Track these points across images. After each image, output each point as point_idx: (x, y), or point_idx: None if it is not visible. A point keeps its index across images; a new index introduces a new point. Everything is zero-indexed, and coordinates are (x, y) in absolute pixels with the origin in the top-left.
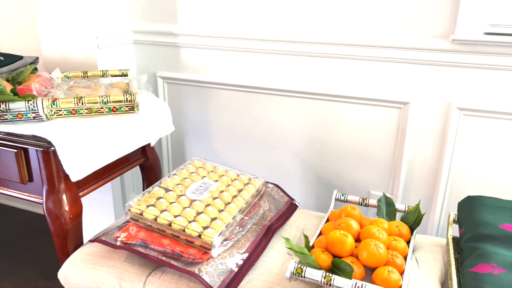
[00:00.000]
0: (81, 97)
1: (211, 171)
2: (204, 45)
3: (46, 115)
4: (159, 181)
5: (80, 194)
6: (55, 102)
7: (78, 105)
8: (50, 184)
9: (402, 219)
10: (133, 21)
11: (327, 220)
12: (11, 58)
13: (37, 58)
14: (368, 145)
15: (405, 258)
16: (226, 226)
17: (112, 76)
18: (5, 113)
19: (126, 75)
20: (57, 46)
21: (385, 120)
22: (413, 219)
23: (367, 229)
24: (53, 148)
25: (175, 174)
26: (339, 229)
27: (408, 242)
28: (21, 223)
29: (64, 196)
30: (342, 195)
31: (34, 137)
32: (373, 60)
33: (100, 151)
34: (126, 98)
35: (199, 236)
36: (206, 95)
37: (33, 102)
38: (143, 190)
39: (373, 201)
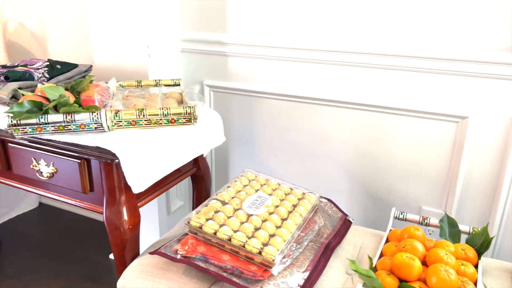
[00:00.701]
0: (142, 109)
1: (264, 184)
2: (252, 55)
3: (108, 126)
4: (215, 194)
5: (138, 204)
6: (117, 114)
7: (139, 117)
8: (111, 195)
9: (467, 242)
10: (182, 29)
11: (387, 240)
12: (67, 66)
13: (91, 66)
14: (421, 159)
15: (475, 284)
16: (285, 244)
17: (165, 85)
18: (69, 124)
19: (179, 85)
20: (109, 54)
21: (441, 134)
22: (480, 242)
23: (434, 252)
24: (117, 160)
25: (229, 187)
26: (404, 251)
27: (475, 267)
28: (63, 223)
29: (124, 207)
30: (401, 213)
31: (98, 149)
32: (431, 72)
33: (160, 163)
34: (186, 110)
35: (259, 253)
36: (252, 104)
37: (97, 114)
38: (193, 199)
39: (434, 221)
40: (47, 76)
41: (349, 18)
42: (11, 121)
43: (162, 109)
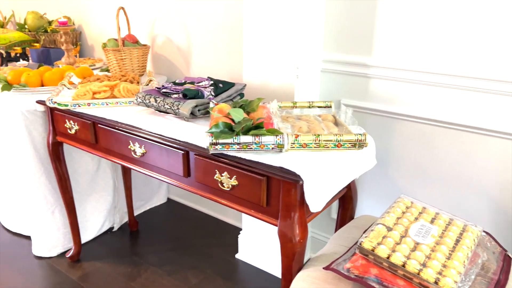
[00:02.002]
0: (319, 135)
1: (422, 212)
2: (396, 78)
3: (286, 148)
4: (378, 219)
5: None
6: (297, 138)
7: (315, 142)
8: (287, 210)
9: None
10: (324, 50)
11: None
12: (227, 85)
13: (245, 85)
14: None
15: None
16: (461, 276)
17: (318, 107)
18: (251, 144)
19: (330, 107)
20: (258, 73)
21: None
22: None
23: None
24: (301, 182)
25: (389, 212)
26: None
27: None
28: (189, 218)
29: (297, 222)
30: None
31: (281, 169)
32: None
33: (332, 184)
34: (358, 138)
35: (435, 282)
36: (391, 125)
37: (281, 138)
38: (337, 217)
39: None
40: (213, 94)
41: (493, 47)
42: (212, 140)
43: (336, 135)
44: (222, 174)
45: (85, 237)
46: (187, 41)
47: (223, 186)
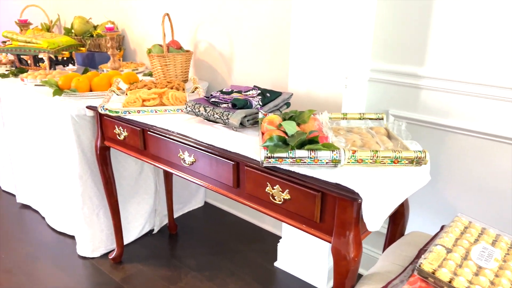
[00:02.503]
0: (377, 151)
1: (482, 233)
2: (449, 89)
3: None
4: (437, 240)
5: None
6: (354, 154)
7: (373, 158)
8: (342, 228)
9: None
10: (371, 60)
11: None
12: (274, 94)
13: (291, 94)
14: None
15: None
16: None
17: (369, 119)
18: (304, 158)
19: (382, 119)
20: (304, 82)
21: None
22: None
23: None
24: (360, 200)
25: (447, 232)
26: None
27: None
28: (226, 223)
29: (352, 240)
30: None
31: (338, 185)
32: None
33: (389, 202)
34: (417, 155)
35: None
36: (442, 138)
37: (337, 153)
38: (386, 235)
39: None
40: (261, 103)
41: None
42: (267, 154)
43: (395, 151)
44: (274, 187)
45: (127, 239)
46: (229, 48)
47: (275, 199)
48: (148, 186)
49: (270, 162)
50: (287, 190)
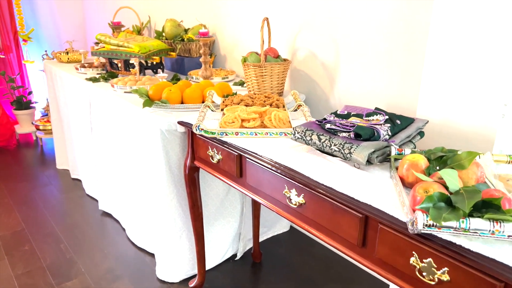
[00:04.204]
0: None
1: None
2: None
3: None
4: None
5: None
6: None
7: None
8: None
9: None
10: None
11: None
12: (405, 121)
13: (427, 121)
14: None
15: None
16: None
17: None
18: (483, 230)
19: None
20: (440, 108)
21: None
22: None
23: None
24: None
25: None
26: None
27: None
28: (314, 254)
29: None
30: None
31: None
32: None
33: None
34: None
35: None
36: None
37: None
38: None
39: None
40: (390, 134)
41: None
42: (427, 221)
43: None
44: (424, 261)
45: (208, 264)
46: (335, 57)
47: (423, 277)
48: (234, 208)
49: (424, 227)
50: (446, 268)
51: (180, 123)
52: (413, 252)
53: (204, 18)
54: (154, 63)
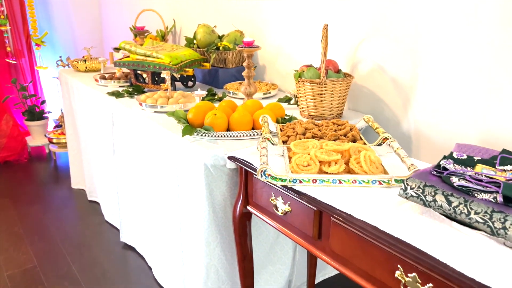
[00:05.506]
0: None
1: None
2: None
3: None
4: None
5: None
6: None
7: None
8: None
9: None
10: None
11: None
12: None
13: None
14: None
15: None
16: None
17: None
18: None
19: None
20: None
21: None
22: None
23: None
24: None
25: None
26: None
27: None
28: None
29: None
30: None
31: None
32: None
33: None
34: None
35: None
36: None
37: None
38: None
39: None
40: None
41: None
42: None
43: None
44: None
45: None
46: (412, 72)
47: None
48: (285, 254)
49: None
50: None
51: (232, 158)
52: None
53: (239, 23)
54: (184, 75)
